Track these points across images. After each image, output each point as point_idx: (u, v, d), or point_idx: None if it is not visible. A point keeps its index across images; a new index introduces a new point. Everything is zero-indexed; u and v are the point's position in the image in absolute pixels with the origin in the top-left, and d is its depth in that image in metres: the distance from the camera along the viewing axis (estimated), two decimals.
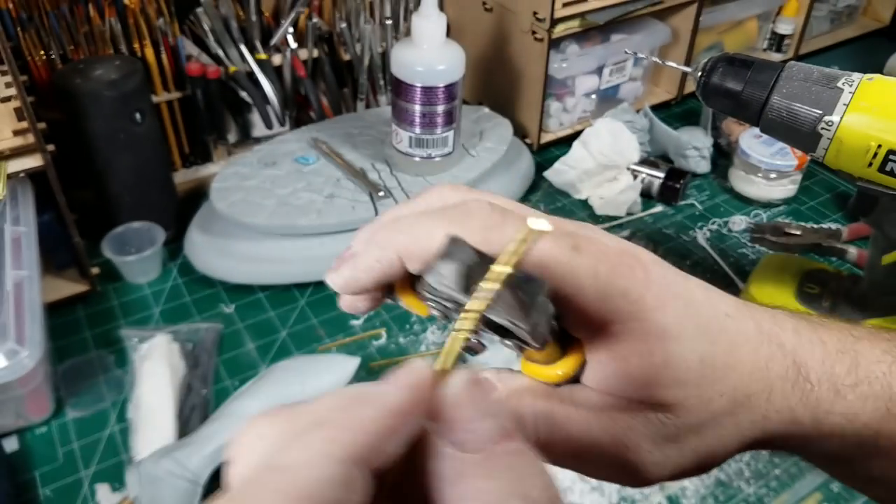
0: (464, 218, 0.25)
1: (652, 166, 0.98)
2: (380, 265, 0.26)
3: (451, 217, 0.26)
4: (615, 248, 0.26)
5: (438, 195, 0.28)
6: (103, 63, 0.80)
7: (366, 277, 0.27)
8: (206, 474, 0.61)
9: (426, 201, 0.28)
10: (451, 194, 0.28)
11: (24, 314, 0.65)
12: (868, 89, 0.58)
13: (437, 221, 0.26)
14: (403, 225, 0.26)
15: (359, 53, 1.01)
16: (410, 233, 0.26)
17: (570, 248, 0.25)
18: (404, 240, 0.26)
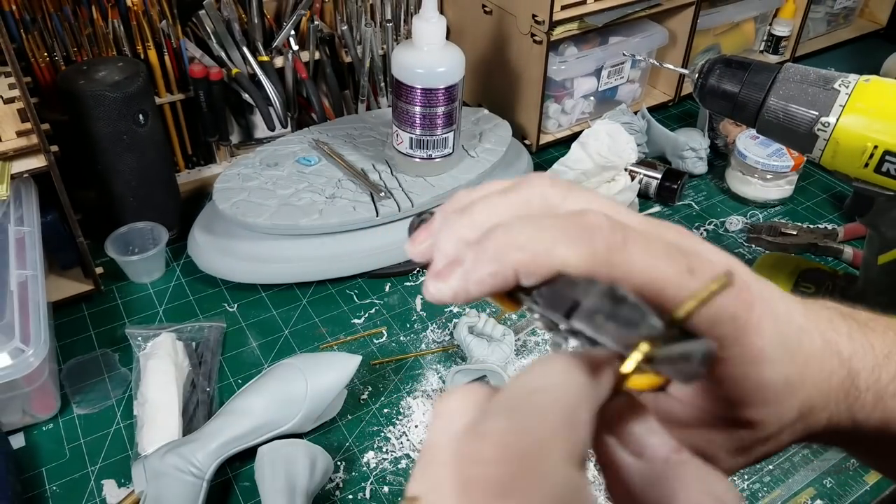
0: (586, 237, 0.24)
1: (649, 167, 0.99)
2: (493, 280, 0.25)
3: (572, 235, 0.24)
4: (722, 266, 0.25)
5: (540, 193, 0.27)
6: (107, 65, 0.81)
7: (476, 291, 0.25)
8: (211, 469, 0.62)
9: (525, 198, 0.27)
10: (553, 193, 0.27)
11: (29, 313, 0.66)
12: (864, 91, 0.59)
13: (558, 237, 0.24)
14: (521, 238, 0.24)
15: (360, 55, 1.02)
16: (531, 249, 0.24)
17: (686, 271, 0.24)
18: (524, 258, 0.24)
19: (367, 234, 0.85)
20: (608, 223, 0.24)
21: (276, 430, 0.65)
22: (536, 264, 0.24)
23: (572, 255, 0.24)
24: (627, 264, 0.24)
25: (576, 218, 0.25)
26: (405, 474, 0.66)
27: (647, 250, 0.24)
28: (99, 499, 0.64)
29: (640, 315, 0.22)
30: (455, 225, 0.27)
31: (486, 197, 0.27)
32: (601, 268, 0.24)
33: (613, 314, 0.22)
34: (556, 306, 0.24)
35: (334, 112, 1.04)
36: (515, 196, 0.27)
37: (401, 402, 0.73)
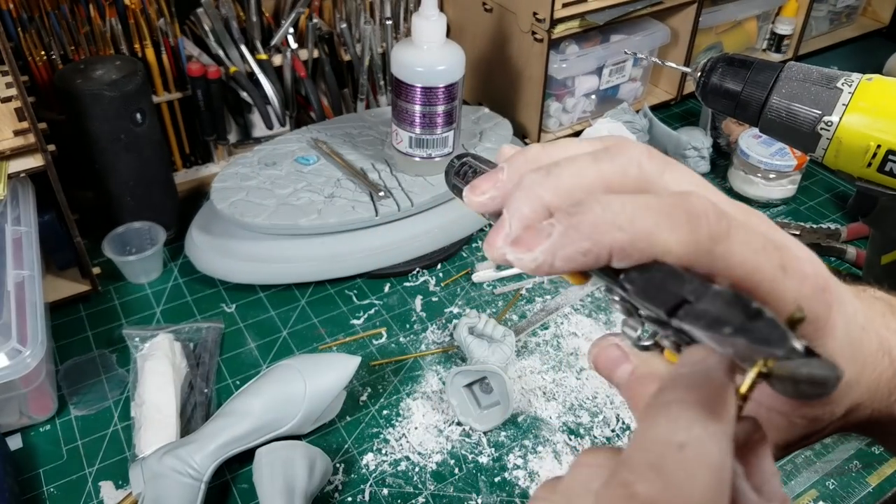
0: (691, 223, 0.22)
1: None
2: (584, 259, 0.23)
3: (676, 220, 0.22)
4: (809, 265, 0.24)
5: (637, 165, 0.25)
6: (104, 63, 0.80)
7: (563, 266, 0.23)
8: (209, 471, 0.61)
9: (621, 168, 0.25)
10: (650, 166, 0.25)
11: (26, 314, 0.66)
12: (867, 89, 0.58)
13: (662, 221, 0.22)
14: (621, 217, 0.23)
15: (359, 54, 1.02)
16: (632, 231, 0.22)
17: (779, 268, 0.23)
18: (623, 239, 0.22)
19: (367, 234, 0.85)
20: (714, 210, 0.23)
21: (275, 431, 0.65)
22: (636, 248, 0.23)
23: (675, 241, 0.22)
24: (728, 256, 0.23)
25: (681, 201, 0.23)
26: (404, 476, 0.66)
27: (748, 243, 0.23)
28: (97, 500, 0.63)
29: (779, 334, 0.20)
30: (536, 186, 0.25)
31: (573, 160, 0.25)
32: (702, 258, 0.22)
33: (746, 328, 0.20)
34: (653, 298, 0.22)
35: (333, 111, 1.04)
36: (609, 164, 0.25)
37: (400, 403, 0.72)
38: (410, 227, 0.86)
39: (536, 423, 0.71)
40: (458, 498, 0.64)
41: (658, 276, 0.23)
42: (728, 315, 0.21)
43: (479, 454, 0.68)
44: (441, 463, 0.67)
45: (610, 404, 0.72)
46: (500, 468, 0.67)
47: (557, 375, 0.75)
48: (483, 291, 0.85)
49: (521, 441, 0.69)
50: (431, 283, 0.86)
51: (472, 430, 0.70)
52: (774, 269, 0.23)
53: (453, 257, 0.90)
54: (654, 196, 0.23)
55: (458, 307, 0.83)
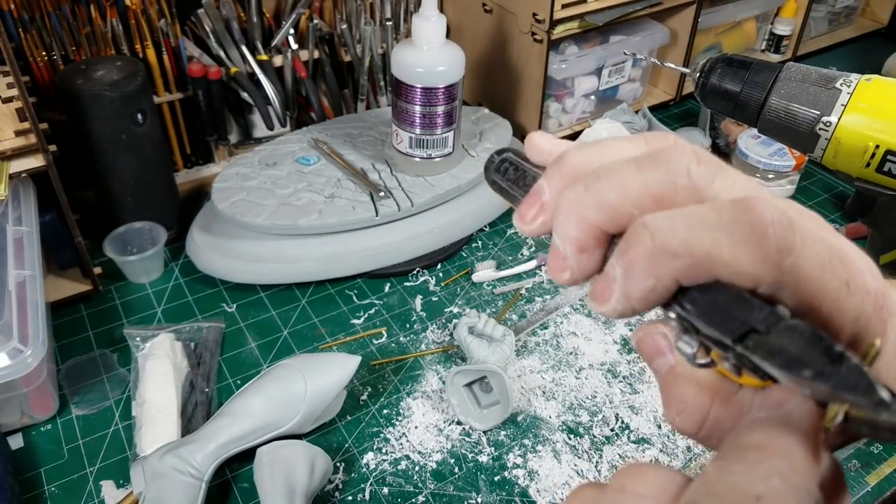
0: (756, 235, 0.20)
1: None
2: (655, 296, 0.21)
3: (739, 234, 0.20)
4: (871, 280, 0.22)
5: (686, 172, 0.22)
6: (105, 64, 0.81)
7: (641, 307, 0.22)
8: (209, 470, 0.61)
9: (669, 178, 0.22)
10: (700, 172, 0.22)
11: (27, 313, 0.66)
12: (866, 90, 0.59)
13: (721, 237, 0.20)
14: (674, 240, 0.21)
15: (359, 54, 1.02)
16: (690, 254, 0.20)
17: (844, 284, 0.21)
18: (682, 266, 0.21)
19: (367, 234, 0.85)
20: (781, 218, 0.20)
21: (276, 431, 0.65)
22: (699, 270, 0.21)
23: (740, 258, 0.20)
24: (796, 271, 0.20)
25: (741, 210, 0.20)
26: (405, 475, 0.66)
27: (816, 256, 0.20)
28: (98, 499, 0.63)
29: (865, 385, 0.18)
30: (579, 205, 0.23)
31: (615, 171, 0.23)
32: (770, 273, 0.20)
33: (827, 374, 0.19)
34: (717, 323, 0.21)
35: (333, 111, 1.04)
36: (654, 174, 0.22)
37: (400, 402, 0.72)
38: (410, 227, 0.86)
39: (536, 423, 0.71)
40: (457, 497, 0.64)
41: (722, 298, 0.21)
42: (808, 356, 0.19)
43: (478, 453, 0.68)
44: (441, 462, 0.67)
45: (609, 403, 0.73)
46: (500, 467, 0.67)
47: (557, 375, 0.75)
48: (483, 291, 0.86)
49: (520, 440, 0.69)
50: (431, 282, 0.87)
51: (471, 430, 0.70)
52: (840, 285, 0.21)
53: (453, 257, 0.90)
54: (709, 207, 0.21)
55: (458, 307, 0.83)
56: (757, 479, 0.18)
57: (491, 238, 0.93)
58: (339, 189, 0.86)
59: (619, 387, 0.74)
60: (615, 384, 0.75)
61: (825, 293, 0.21)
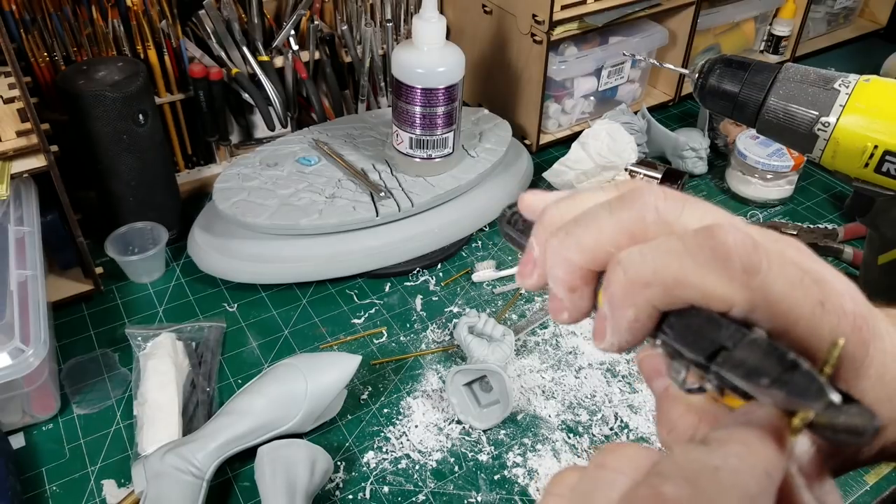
0: (720, 259, 0.22)
1: (649, 167, 0.99)
2: (639, 325, 0.23)
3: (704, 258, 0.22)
4: (849, 302, 0.23)
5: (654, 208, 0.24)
6: (106, 64, 0.81)
7: (633, 337, 0.24)
8: (210, 469, 0.62)
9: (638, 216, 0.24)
10: (667, 207, 0.24)
11: (29, 313, 0.66)
12: (864, 90, 0.59)
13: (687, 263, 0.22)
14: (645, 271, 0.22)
15: (360, 55, 1.02)
16: (661, 282, 0.22)
17: (818, 304, 0.22)
18: (654, 293, 0.22)
19: (367, 234, 0.85)
20: (744, 241, 0.22)
21: (276, 430, 0.65)
22: (672, 296, 0.22)
23: (708, 281, 0.22)
24: (765, 290, 0.21)
25: (703, 236, 0.22)
26: (405, 474, 0.66)
27: (784, 276, 0.22)
28: (99, 499, 0.64)
29: (816, 388, 0.20)
30: (561, 250, 0.25)
31: (590, 215, 0.25)
32: (739, 294, 0.21)
33: (783, 381, 0.20)
34: (692, 345, 0.22)
35: (334, 112, 1.04)
36: (626, 213, 0.24)
37: (401, 402, 0.73)
38: (411, 227, 0.87)
39: (535, 422, 0.71)
40: (457, 496, 0.65)
41: (695, 321, 0.22)
42: (765, 366, 0.20)
43: (478, 452, 0.68)
44: (441, 461, 0.67)
45: (608, 402, 0.73)
46: (500, 466, 0.67)
47: (556, 374, 0.76)
48: (483, 291, 0.86)
49: (520, 439, 0.69)
50: (431, 282, 0.87)
51: (471, 429, 0.70)
52: (813, 304, 0.22)
53: (453, 257, 0.90)
54: (675, 237, 0.23)
55: (458, 307, 0.84)
56: (716, 455, 0.19)
57: (491, 238, 0.94)
58: (340, 189, 0.87)
59: (618, 386, 0.75)
60: (614, 383, 0.75)
61: (798, 312, 0.22)
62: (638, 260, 0.23)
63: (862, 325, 0.23)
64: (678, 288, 0.22)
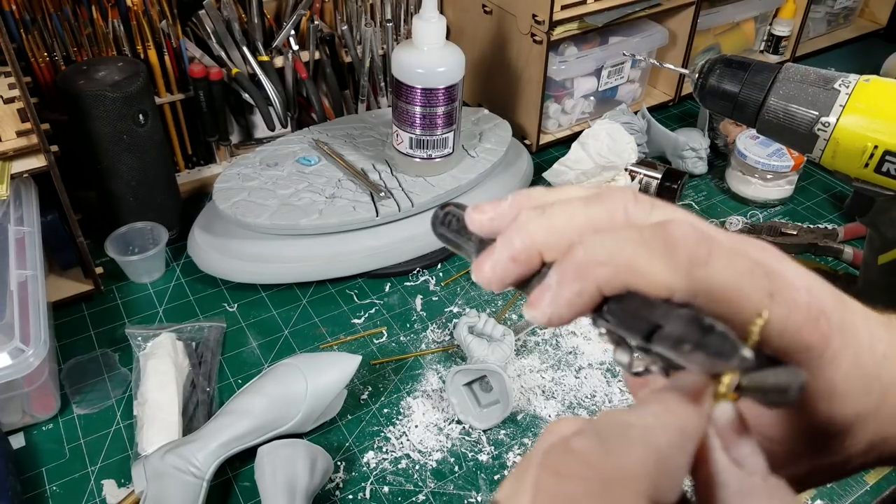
0: (668, 248, 0.23)
1: (649, 167, 0.99)
2: (581, 300, 0.24)
3: (654, 247, 0.23)
4: (804, 294, 0.24)
5: (623, 208, 0.26)
6: (106, 64, 0.81)
7: (568, 312, 0.25)
8: (211, 469, 0.62)
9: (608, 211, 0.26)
10: (636, 209, 0.26)
11: (29, 313, 0.66)
12: (864, 90, 0.59)
13: (639, 250, 0.23)
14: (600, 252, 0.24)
15: (360, 55, 1.02)
16: (613, 264, 0.24)
17: (766, 294, 0.23)
18: (605, 273, 0.24)
19: (367, 234, 0.85)
20: (693, 234, 0.23)
21: (276, 430, 0.65)
22: (619, 279, 0.24)
23: (656, 268, 0.23)
24: (709, 280, 0.23)
25: (658, 229, 0.24)
26: (405, 474, 0.66)
27: (732, 267, 0.23)
28: (99, 499, 0.64)
29: (730, 346, 0.21)
30: (531, 223, 0.26)
31: (567, 203, 0.26)
32: (683, 282, 0.23)
33: (702, 344, 0.22)
34: (631, 327, 0.23)
35: (334, 112, 1.04)
36: (598, 207, 0.26)
37: (401, 402, 0.73)
38: (411, 227, 0.87)
39: (536, 422, 0.71)
40: (458, 496, 0.65)
41: (632, 304, 0.24)
42: (686, 333, 0.22)
43: (478, 452, 0.68)
44: (441, 461, 0.67)
45: (608, 402, 0.73)
46: (500, 466, 0.67)
47: (556, 374, 0.76)
48: (483, 291, 0.86)
49: (520, 439, 0.69)
50: (431, 282, 0.87)
51: (471, 429, 0.70)
52: (761, 294, 0.23)
53: (453, 257, 0.90)
54: (634, 229, 0.24)
55: (458, 306, 0.84)
56: (633, 415, 0.21)
57: None
58: (340, 189, 0.87)
59: (618, 386, 0.75)
60: (614, 383, 0.75)
61: (744, 301, 0.23)
62: (597, 242, 0.24)
63: (818, 316, 0.24)
64: (628, 272, 0.23)
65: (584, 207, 0.26)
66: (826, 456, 0.27)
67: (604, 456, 0.20)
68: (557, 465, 0.20)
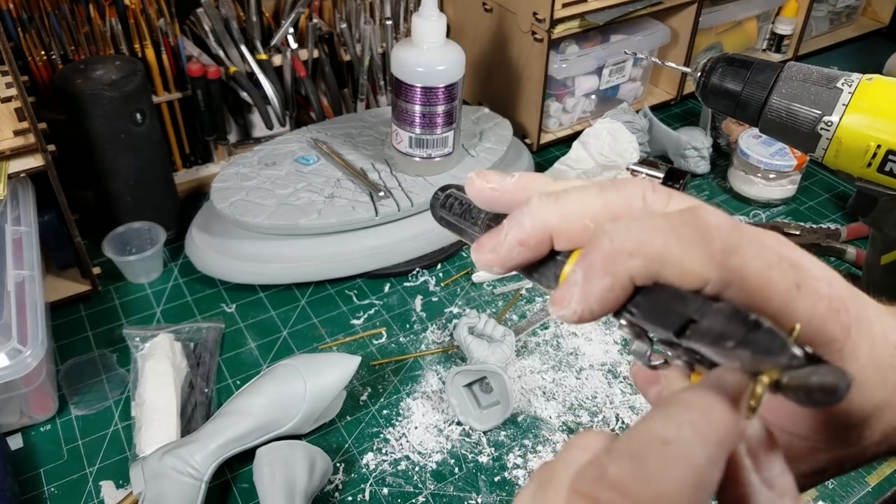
0: (703, 236, 0.23)
1: (651, 167, 0.98)
2: (612, 294, 0.23)
3: (686, 235, 0.23)
4: (825, 286, 0.24)
5: (641, 196, 0.25)
6: (104, 63, 0.80)
7: (600, 308, 0.24)
8: (209, 471, 0.61)
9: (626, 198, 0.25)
10: (654, 197, 0.25)
11: (27, 314, 0.66)
12: (867, 89, 0.59)
13: (670, 239, 0.23)
14: (629, 242, 0.23)
15: (359, 54, 1.02)
16: (644, 254, 0.23)
17: (794, 285, 0.23)
18: (637, 264, 0.23)
19: (367, 234, 0.85)
20: (725, 222, 0.23)
21: (275, 431, 0.65)
22: (652, 270, 0.23)
23: (688, 257, 0.22)
24: (742, 269, 0.22)
25: (689, 216, 0.23)
26: (404, 476, 0.66)
27: (762, 257, 0.23)
28: (97, 500, 0.63)
29: (780, 343, 0.20)
30: (543, 208, 0.25)
31: (581, 189, 0.26)
32: (716, 271, 0.22)
33: (748, 341, 0.21)
34: (661, 321, 0.23)
35: (333, 111, 1.04)
36: (615, 194, 0.25)
37: (400, 403, 0.72)
38: (410, 227, 0.86)
39: (536, 423, 0.71)
40: (457, 497, 0.64)
41: (662, 298, 0.23)
42: (729, 329, 0.21)
43: (478, 454, 0.68)
44: (441, 462, 0.67)
45: (609, 404, 0.73)
46: (500, 468, 0.67)
47: (557, 375, 0.75)
48: (483, 291, 0.85)
49: (520, 440, 0.69)
50: (431, 283, 0.87)
51: (471, 430, 0.70)
52: (789, 285, 0.23)
53: (453, 257, 0.90)
54: (661, 216, 0.23)
55: (458, 307, 0.83)
56: (670, 427, 0.20)
57: None
58: (339, 189, 0.86)
59: (619, 387, 0.74)
60: (615, 385, 0.74)
61: (773, 292, 0.22)
62: (624, 231, 0.23)
63: (839, 307, 0.23)
64: (660, 262, 0.23)
65: (599, 194, 0.25)
66: (845, 448, 0.26)
67: (642, 483, 0.19)
68: (592, 491, 0.19)
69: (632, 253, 0.23)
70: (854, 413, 0.25)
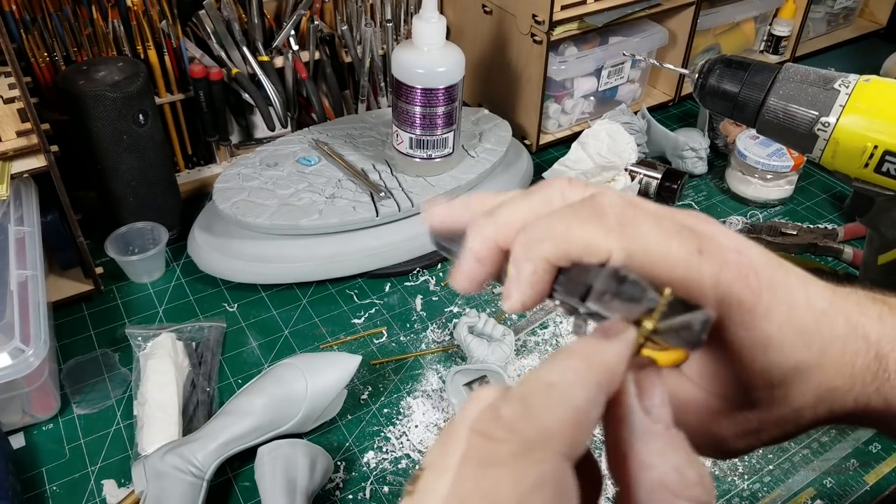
0: (598, 214, 0.26)
1: (649, 167, 0.99)
2: (538, 277, 0.26)
3: (585, 216, 0.26)
4: (734, 252, 0.26)
5: (560, 192, 0.28)
6: (107, 65, 0.81)
7: (532, 292, 0.27)
8: (211, 469, 0.62)
9: (546, 198, 0.28)
10: (571, 191, 0.28)
11: (29, 313, 0.66)
12: (864, 90, 0.59)
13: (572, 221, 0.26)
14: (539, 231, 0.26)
15: (360, 55, 1.02)
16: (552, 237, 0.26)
17: (695, 252, 0.25)
18: (549, 247, 0.26)
19: (367, 234, 0.85)
20: (620, 201, 0.26)
21: (276, 430, 0.65)
22: (562, 250, 0.26)
23: (588, 232, 0.25)
24: (640, 238, 0.25)
25: (587, 200, 0.26)
26: (405, 474, 0.66)
27: (659, 227, 0.25)
28: (99, 499, 0.64)
29: (640, 291, 0.24)
30: (482, 227, 0.29)
31: (510, 200, 0.29)
32: (616, 241, 0.25)
33: (619, 292, 0.24)
34: (572, 291, 0.26)
35: (334, 112, 1.04)
36: (538, 196, 0.28)
37: (401, 402, 0.73)
38: (411, 227, 0.87)
39: None
40: None
41: (574, 273, 0.26)
42: (607, 285, 0.25)
43: None
44: None
45: None
46: None
47: None
48: (483, 291, 0.86)
49: None
50: (431, 282, 0.87)
51: None
52: (689, 252, 0.25)
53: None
54: (566, 205, 0.27)
55: (458, 306, 0.84)
56: (555, 371, 0.23)
57: None
58: (340, 189, 0.87)
59: None
60: None
61: (674, 258, 0.25)
62: (536, 223, 0.27)
63: (748, 273, 0.26)
64: (564, 242, 0.26)
65: (524, 200, 0.28)
66: (772, 408, 0.28)
67: (529, 422, 0.21)
68: (487, 430, 0.22)
69: (541, 238, 0.26)
70: (773, 372, 0.27)
